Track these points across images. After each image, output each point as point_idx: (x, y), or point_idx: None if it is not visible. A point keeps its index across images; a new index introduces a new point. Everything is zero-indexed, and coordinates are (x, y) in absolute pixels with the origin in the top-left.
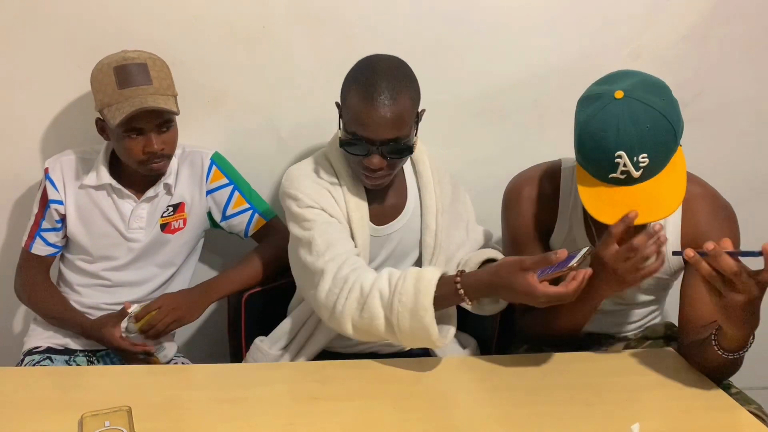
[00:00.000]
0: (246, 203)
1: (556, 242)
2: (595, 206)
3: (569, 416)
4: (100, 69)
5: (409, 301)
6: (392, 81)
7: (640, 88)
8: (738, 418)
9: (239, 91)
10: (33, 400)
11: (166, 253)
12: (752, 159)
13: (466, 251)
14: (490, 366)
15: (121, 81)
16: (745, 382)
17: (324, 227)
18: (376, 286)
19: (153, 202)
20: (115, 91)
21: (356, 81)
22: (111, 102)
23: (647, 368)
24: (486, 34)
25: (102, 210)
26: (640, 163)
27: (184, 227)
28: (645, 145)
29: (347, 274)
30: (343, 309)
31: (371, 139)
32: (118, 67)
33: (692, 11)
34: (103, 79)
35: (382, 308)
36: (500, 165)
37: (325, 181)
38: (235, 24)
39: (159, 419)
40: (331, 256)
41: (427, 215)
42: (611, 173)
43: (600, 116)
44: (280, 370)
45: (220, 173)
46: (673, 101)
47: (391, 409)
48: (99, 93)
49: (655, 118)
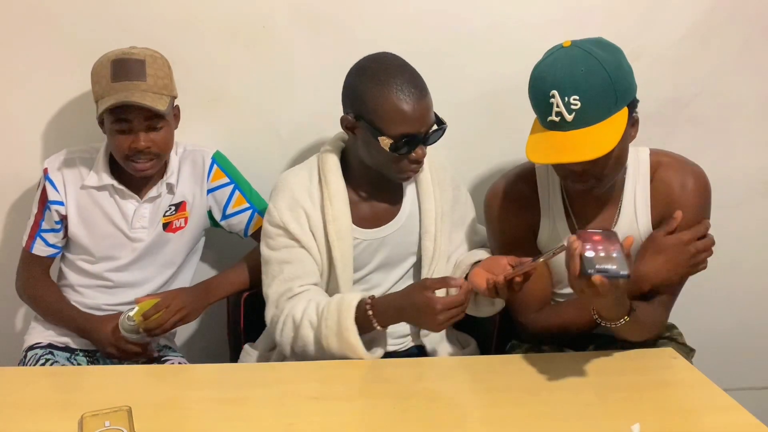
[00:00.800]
0: (246, 202)
1: (543, 238)
2: (532, 148)
3: (569, 416)
4: (101, 61)
5: (334, 324)
6: (410, 72)
7: (590, 42)
8: (738, 418)
9: (239, 91)
10: (33, 400)
11: (167, 253)
12: (752, 159)
13: (465, 251)
14: (489, 366)
15: (116, 74)
16: (745, 382)
17: (282, 253)
18: (306, 317)
19: (155, 202)
20: (108, 84)
21: (381, 85)
22: (103, 94)
23: (647, 368)
24: (486, 34)
25: (104, 210)
26: (572, 105)
27: (185, 226)
28: (577, 87)
29: (284, 305)
30: (281, 339)
31: (419, 133)
32: (116, 61)
33: (692, 11)
34: (100, 71)
35: (313, 336)
36: (500, 165)
37: (305, 194)
38: (235, 24)
39: (159, 419)
40: (277, 286)
41: (426, 220)
42: (548, 116)
43: (545, 61)
44: (280, 370)
45: (221, 172)
46: (622, 62)
47: (391, 409)
48: (95, 84)
49: (592, 65)
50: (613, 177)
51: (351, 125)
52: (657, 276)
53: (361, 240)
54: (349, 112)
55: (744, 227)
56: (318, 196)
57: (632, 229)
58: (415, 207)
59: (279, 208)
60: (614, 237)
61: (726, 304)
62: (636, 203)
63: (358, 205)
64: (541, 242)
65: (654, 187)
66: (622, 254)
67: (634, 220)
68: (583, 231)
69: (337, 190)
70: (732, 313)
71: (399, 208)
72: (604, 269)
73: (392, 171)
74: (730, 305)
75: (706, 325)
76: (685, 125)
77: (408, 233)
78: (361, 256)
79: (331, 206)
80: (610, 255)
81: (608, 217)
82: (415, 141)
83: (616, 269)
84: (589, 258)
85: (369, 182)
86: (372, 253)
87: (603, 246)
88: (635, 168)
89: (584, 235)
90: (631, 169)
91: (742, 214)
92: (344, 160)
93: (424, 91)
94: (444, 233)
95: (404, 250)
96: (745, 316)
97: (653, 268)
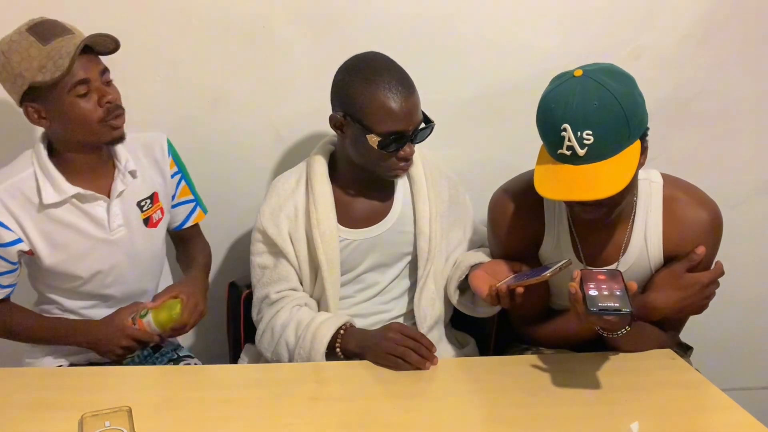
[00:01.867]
0: (191, 194)
1: (545, 252)
2: (541, 180)
3: (569, 416)
4: (10, 41)
5: (306, 353)
6: (397, 70)
7: (601, 72)
8: (738, 418)
9: (239, 91)
10: (33, 400)
11: (155, 248)
12: (752, 159)
13: (463, 250)
14: (489, 366)
15: (43, 37)
16: (745, 382)
17: (262, 258)
18: (284, 337)
19: (123, 196)
20: (42, 49)
21: (369, 83)
22: (44, 63)
23: (647, 368)
24: (486, 34)
25: (72, 226)
26: (584, 140)
27: (163, 216)
28: (590, 121)
29: (264, 311)
30: (259, 345)
31: (407, 130)
32: (32, 27)
33: (692, 11)
34: (19, 47)
35: (287, 357)
36: (500, 165)
37: (290, 199)
38: (235, 24)
39: (159, 419)
40: (258, 290)
41: (421, 220)
42: (558, 148)
43: (555, 90)
44: (279, 371)
45: (173, 161)
46: (635, 93)
47: (391, 409)
48: (24, 62)
49: (606, 98)
50: (622, 205)
51: (339, 124)
52: (670, 310)
53: (351, 240)
54: (338, 110)
55: (744, 226)
56: (303, 200)
57: (641, 259)
58: (408, 207)
59: (262, 212)
60: (619, 276)
61: (725, 304)
62: (647, 234)
63: (348, 206)
64: (542, 254)
65: (667, 221)
66: (626, 293)
67: (644, 250)
68: (588, 270)
69: (321, 194)
70: (731, 313)
71: (390, 208)
72: (606, 307)
73: (381, 169)
74: (729, 305)
75: (706, 324)
76: (685, 125)
77: (401, 233)
78: (351, 256)
79: (316, 210)
80: (614, 293)
81: (616, 242)
82: (403, 139)
83: (618, 306)
84: (592, 296)
85: (358, 182)
86: (363, 253)
87: (607, 285)
88: (647, 197)
89: (589, 274)
90: (642, 198)
91: (742, 214)
92: (334, 161)
93: (411, 89)
94: (440, 233)
95: (398, 250)
96: (744, 316)
97: (669, 302)
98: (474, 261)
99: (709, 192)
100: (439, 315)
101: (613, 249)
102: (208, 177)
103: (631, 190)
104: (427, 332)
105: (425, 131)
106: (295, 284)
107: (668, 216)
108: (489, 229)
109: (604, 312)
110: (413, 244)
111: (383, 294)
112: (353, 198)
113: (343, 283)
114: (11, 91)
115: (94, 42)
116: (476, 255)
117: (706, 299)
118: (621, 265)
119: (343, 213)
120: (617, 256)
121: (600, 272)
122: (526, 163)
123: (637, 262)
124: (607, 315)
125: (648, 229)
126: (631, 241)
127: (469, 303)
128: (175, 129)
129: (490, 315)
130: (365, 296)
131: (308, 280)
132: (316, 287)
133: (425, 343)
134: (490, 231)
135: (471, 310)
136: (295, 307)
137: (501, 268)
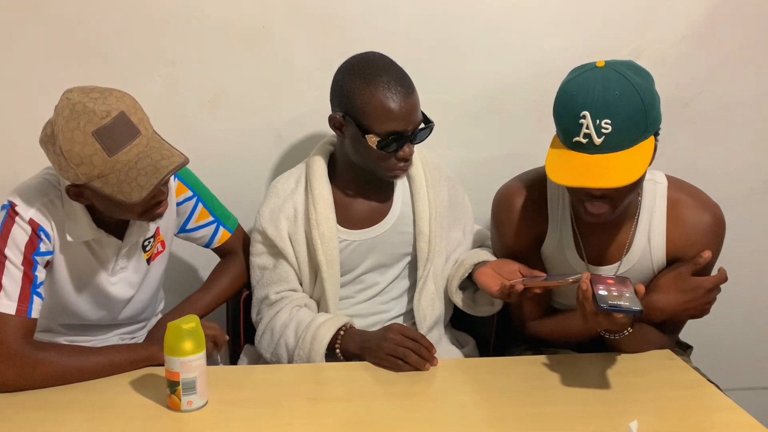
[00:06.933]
0: (210, 216)
1: (548, 248)
2: (553, 167)
3: (568, 416)
4: (71, 138)
5: (305, 354)
6: (397, 71)
7: (623, 65)
8: (737, 418)
9: (239, 91)
10: (33, 400)
11: (153, 281)
12: (752, 159)
13: (463, 250)
14: (489, 366)
15: (109, 147)
16: (745, 382)
17: (262, 259)
18: (284, 338)
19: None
20: (107, 161)
21: (368, 83)
22: (107, 173)
23: (646, 368)
24: (486, 34)
25: (82, 264)
26: (602, 129)
27: (163, 249)
28: (610, 110)
29: (264, 312)
30: (258, 346)
31: (407, 130)
32: (99, 131)
33: (692, 11)
34: (84, 150)
35: (286, 358)
36: (500, 165)
37: (289, 200)
38: (235, 24)
39: (159, 419)
40: (258, 291)
41: (420, 221)
42: (575, 136)
43: (577, 79)
44: (279, 371)
45: (184, 186)
46: (653, 90)
47: (391, 409)
48: (83, 167)
49: (627, 89)
50: (625, 203)
51: (339, 124)
52: (673, 312)
53: (350, 241)
54: (337, 110)
55: (744, 226)
56: (303, 201)
57: (644, 259)
58: (407, 207)
59: (261, 213)
60: (627, 281)
61: (725, 303)
62: (651, 235)
63: (347, 207)
64: (545, 252)
65: (671, 222)
66: (635, 295)
67: (648, 251)
68: (597, 274)
69: (320, 195)
70: (731, 312)
71: (389, 209)
72: (617, 305)
73: (380, 169)
74: (729, 305)
75: (706, 324)
76: (685, 125)
77: (400, 233)
78: (351, 257)
79: (315, 211)
80: (623, 294)
81: (619, 241)
82: (402, 139)
83: (628, 305)
84: (602, 295)
85: (358, 183)
86: (363, 253)
87: (616, 287)
88: (651, 197)
89: (598, 277)
90: (647, 198)
91: (742, 214)
92: (333, 162)
93: (410, 89)
94: (440, 234)
95: (398, 250)
96: (744, 316)
97: (672, 304)
98: (477, 259)
99: (709, 192)
100: (439, 315)
101: (616, 248)
102: (208, 177)
103: (636, 188)
104: (427, 332)
105: (425, 131)
106: (295, 285)
107: (672, 218)
108: (492, 227)
109: (614, 309)
110: (413, 244)
111: (383, 294)
112: (353, 199)
113: (342, 283)
114: (59, 173)
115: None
116: (479, 254)
117: (708, 304)
118: (623, 264)
119: (342, 214)
120: (620, 256)
121: (609, 277)
122: (526, 163)
123: (639, 262)
124: (617, 312)
125: (652, 229)
126: (634, 240)
127: (470, 301)
128: (175, 129)
129: (490, 314)
130: (365, 297)
131: (308, 281)
132: (316, 288)
133: (425, 343)
134: (494, 228)
135: (471, 309)
136: (294, 307)
137: (509, 267)
